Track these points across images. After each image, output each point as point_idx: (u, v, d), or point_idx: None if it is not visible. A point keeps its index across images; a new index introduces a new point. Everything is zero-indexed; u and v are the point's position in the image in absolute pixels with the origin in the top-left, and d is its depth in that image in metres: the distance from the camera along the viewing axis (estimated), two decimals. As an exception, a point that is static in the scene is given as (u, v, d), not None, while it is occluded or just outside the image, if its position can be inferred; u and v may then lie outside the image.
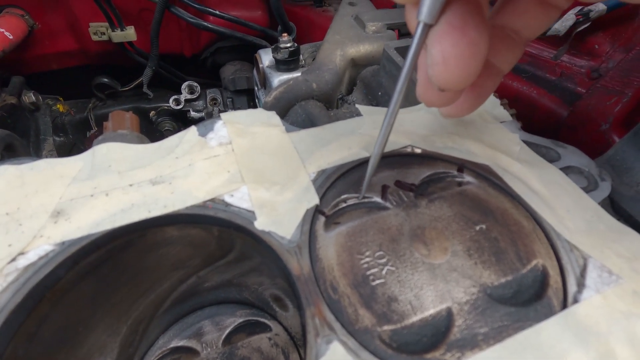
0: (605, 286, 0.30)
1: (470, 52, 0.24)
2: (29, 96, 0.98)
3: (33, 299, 0.29)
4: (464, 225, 0.35)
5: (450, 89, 0.26)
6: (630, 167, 0.43)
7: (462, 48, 0.24)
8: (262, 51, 0.73)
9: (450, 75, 0.25)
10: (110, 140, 0.40)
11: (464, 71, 0.24)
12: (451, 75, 0.25)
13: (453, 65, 0.24)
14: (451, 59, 0.24)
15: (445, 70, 0.24)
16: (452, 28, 0.24)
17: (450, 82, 0.25)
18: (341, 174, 0.39)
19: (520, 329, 0.28)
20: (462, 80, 0.25)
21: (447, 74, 0.25)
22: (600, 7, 0.62)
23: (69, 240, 0.31)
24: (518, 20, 0.29)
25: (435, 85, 0.26)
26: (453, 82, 0.25)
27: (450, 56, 0.24)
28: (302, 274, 0.31)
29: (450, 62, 0.24)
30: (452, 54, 0.24)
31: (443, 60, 0.24)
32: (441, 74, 0.25)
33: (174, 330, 0.51)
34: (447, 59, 0.24)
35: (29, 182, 0.35)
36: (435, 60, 0.24)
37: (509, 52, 0.30)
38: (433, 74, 0.25)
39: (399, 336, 0.28)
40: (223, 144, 0.40)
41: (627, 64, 0.61)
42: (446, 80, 0.25)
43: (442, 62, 0.24)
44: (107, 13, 0.97)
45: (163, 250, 0.37)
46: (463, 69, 0.24)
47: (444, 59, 0.24)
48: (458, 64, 0.24)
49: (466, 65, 0.24)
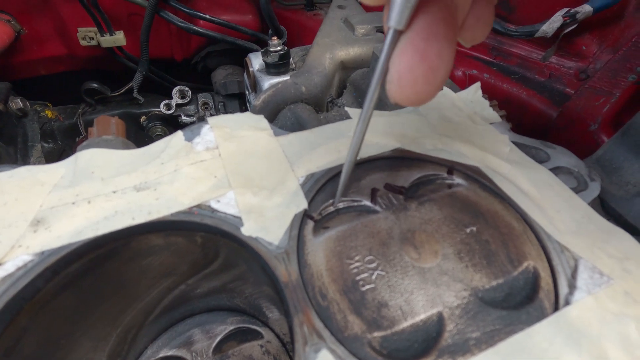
0: (597, 287, 0.30)
1: (426, 78, 0.23)
2: (16, 102, 0.96)
3: (10, 311, 0.28)
4: (455, 228, 0.35)
5: (406, 105, 0.25)
6: (619, 167, 0.44)
7: (418, 74, 0.23)
8: (252, 55, 0.72)
9: (404, 96, 0.24)
10: (95, 146, 0.40)
11: (417, 95, 0.24)
12: (405, 96, 0.24)
13: (406, 88, 0.24)
14: (406, 82, 0.23)
15: (400, 90, 0.24)
16: (413, 48, 0.23)
17: (404, 101, 0.25)
18: (330, 177, 0.38)
19: (512, 332, 0.28)
20: (416, 101, 0.25)
21: (401, 95, 0.24)
22: (587, 9, 0.63)
23: (48, 249, 0.30)
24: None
25: (391, 100, 0.26)
26: (407, 102, 0.25)
27: (405, 79, 0.23)
28: (290, 280, 0.30)
29: (405, 84, 0.23)
30: (407, 78, 0.23)
31: (398, 81, 0.24)
32: (396, 94, 0.24)
33: (163, 339, 0.50)
34: (402, 81, 0.23)
35: (9, 190, 0.34)
36: (391, 79, 0.24)
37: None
38: (388, 90, 0.25)
39: (389, 343, 0.28)
40: (210, 149, 0.39)
41: (614, 65, 0.62)
42: (400, 100, 0.25)
43: (397, 82, 0.24)
44: (96, 18, 0.96)
45: (148, 259, 0.36)
46: (417, 92, 0.24)
47: (399, 81, 0.24)
48: (412, 88, 0.24)
49: (420, 89, 0.24)
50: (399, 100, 0.25)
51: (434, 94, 0.25)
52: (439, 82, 0.24)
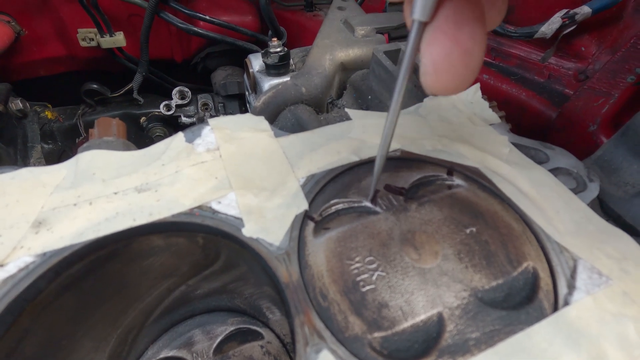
0: (596, 287, 0.30)
1: (463, 62, 0.23)
2: (15, 103, 0.96)
3: (12, 312, 0.28)
4: (454, 229, 0.35)
5: (443, 94, 0.25)
6: (618, 168, 0.44)
7: (454, 59, 0.23)
8: (252, 56, 0.72)
9: (442, 85, 0.24)
10: (96, 148, 0.40)
11: (456, 81, 0.23)
12: (443, 85, 0.24)
13: (444, 76, 0.23)
14: (442, 70, 0.23)
15: (437, 80, 0.23)
16: (444, 35, 0.22)
17: (442, 90, 0.24)
18: (331, 178, 0.38)
19: (511, 332, 0.28)
20: (455, 89, 0.24)
21: (439, 84, 0.24)
22: (586, 10, 0.63)
23: (50, 251, 0.30)
24: None
25: (428, 91, 0.25)
26: (445, 90, 0.24)
27: (442, 67, 0.23)
28: (291, 281, 0.30)
29: (442, 72, 0.23)
30: (443, 65, 0.23)
31: (434, 70, 0.23)
32: (433, 83, 0.24)
33: (163, 340, 0.50)
34: (438, 69, 0.23)
35: (10, 191, 0.34)
36: (426, 69, 0.23)
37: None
38: (424, 82, 0.24)
39: (389, 343, 0.28)
40: (211, 150, 0.40)
41: (613, 66, 0.62)
42: (438, 89, 0.24)
43: (433, 72, 0.23)
44: (96, 19, 0.96)
45: (149, 260, 0.36)
46: (455, 79, 0.23)
47: (435, 70, 0.23)
48: (450, 75, 0.23)
49: (459, 75, 0.23)
50: (438, 90, 0.24)
51: (472, 79, 0.24)
52: (476, 65, 0.23)
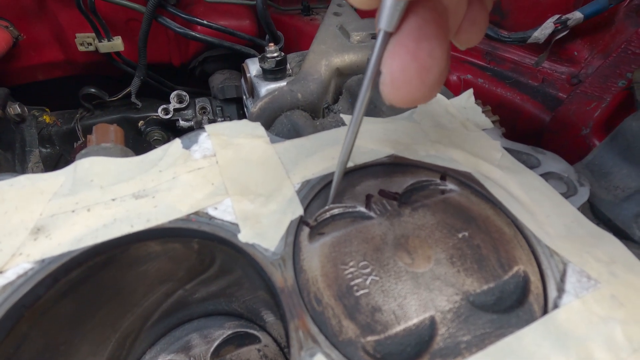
0: (584, 291, 0.31)
1: (419, 77, 0.23)
2: (14, 108, 0.97)
3: (11, 319, 0.28)
4: (447, 233, 0.36)
5: (402, 107, 0.25)
6: (609, 172, 0.45)
7: (411, 73, 0.23)
8: (250, 61, 0.73)
9: (399, 97, 0.24)
10: (94, 154, 0.40)
11: (412, 95, 0.24)
12: (400, 97, 0.24)
13: (401, 89, 0.23)
14: (399, 82, 0.23)
15: (394, 92, 0.24)
16: (404, 49, 0.23)
17: (399, 103, 0.24)
18: (325, 184, 0.39)
19: (502, 335, 0.29)
20: (410, 102, 0.24)
21: (396, 96, 0.24)
22: (578, 16, 0.64)
23: (49, 257, 0.31)
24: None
25: (385, 102, 0.25)
26: (402, 103, 0.24)
27: (398, 80, 0.23)
28: (286, 286, 0.31)
29: (398, 85, 0.23)
30: (399, 78, 0.23)
31: (391, 82, 0.23)
32: (390, 95, 0.24)
33: (161, 345, 0.50)
34: (395, 82, 0.23)
35: (9, 198, 0.34)
36: (384, 80, 0.24)
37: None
38: (382, 92, 0.24)
39: (382, 347, 0.28)
40: (207, 156, 0.40)
41: (605, 70, 0.63)
42: (396, 101, 0.24)
43: (390, 83, 0.24)
44: (94, 24, 0.96)
45: (146, 265, 0.37)
46: (411, 93, 0.24)
47: (392, 81, 0.23)
48: (406, 88, 0.23)
49: (415, 89, 0.23)
50: (394, 102, 0.24)
51: (430, 94, 0.24)
52: (433, 82, 0.24)
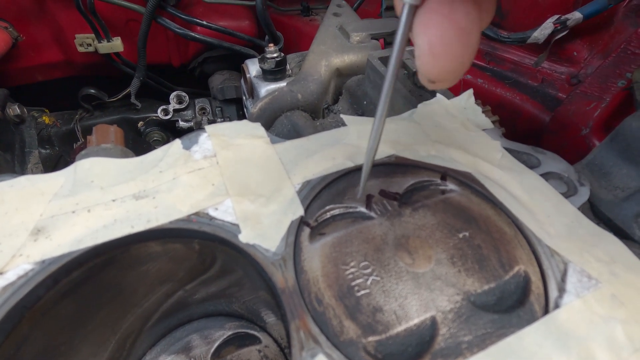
0: (585, 290, 0.31)
1: (460, 41, 0.22)
2: (13, 109, 0.97)
3: (12, 320, 0.28)
4: (448, 233, 0.36)
5: (442, 81, 0.24)
6: (608, 172, 0.45)
7: (450, 37, 0.22)
8: (249, 61, 0.73)
9: (440, 68, 0.23)
10: (94, 155, 0.40)
11: (455, 62, 0.22)
12: (441, 67, 0.23)
13: (442, 57, 0.22)
14: (439, 50, 0.22)
15: (434, 62, 0.22)
16: (438, 15, 0.22)
17: (441, 74, 0.23)
18: (326, 184, 0.39)
19: (503, 335, 0.29)
20: (454, 71, 0.23)
21: (436, 66, 0.23)
22: (577, 16, 0.64)
23: (49, 258, 0.31)
24: None
25: (425, 78, 0.24)
26: (444, 74, 0.23)
27: (438, 47, 0.22)
28: (287, 286, 0.30)
29: (439, 53, 0.22)
30: (439, 44, 0.22)
31: (430, 51, 0.22)
32: (430, 66, 0.23)
33: (162, 345, 0.50)
34: (435, 49, 0.22)
35: (9, 199, 0.34)
36: (423, 52, 0.22)
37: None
38: (421, 65, 0.23)
39: (384, 347, 0.28)
40: (208, 157, 0.40)
41: (605, 71, 0.63)
42: (437, 73, 0.23)
43: (429, 53, 0.22)
44: (93, 24, 0.96)
45: (146, 265, 0.37)
46: (454, 59, 0.22)
47: (432, 50, 0.22)
48: (448, 55, 0.22)
49: (457, 55, 0.22)
50: (435, 74, 0.23)
51: (470, 60, 0.23)
52: (474, 44, 0.22)
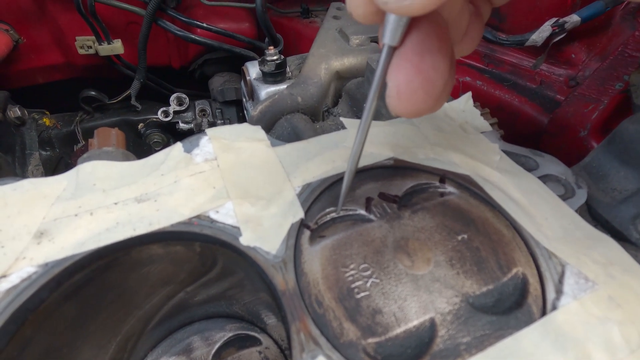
0: (582, 292, 0.31)
1: (424, 89, 0.24)
2: (14, 111, 0.97)
3: (15, 322, 0.28)
4: (447, 236, 0.36)
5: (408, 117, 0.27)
6: (606, 174, 0.45)
7: (415, 86, 0.24)
8: (249, 63, 0.73)
9: (404, 109, 0.25)
10: (95, 158, 0.40)
11: (417, 106, 0.25)
12: (406, 109, 0.25)
13: (406, 101, 0.24)
14: (404, 95, 0.24)
15: (399, 104, 0.25)
16: (408, 63, 0.24)
17: (405, 114, 0.25)
18: (326, 187, 0.39)
19: (501, 337, 0.29)
20: (416, 113, 0.25)
21: (401, 108, 0.25)
22: (575, 19, 0.64)
23: (52, 261, 0.31)
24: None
25: (392, 114, 0.26)
26: (408, 114, 0.25)
27: (404, 92, 0.24)
28: (288, 289, 0.31)
29: (404, 97, 0.24)
30: (405, 90, 0.24)
31: (397, 95, 0.24)
32: (396, 107, 0.25)
33: (162, 347, 0.50)
34: (401, 94, 0.24)
35: (12, 203, 0.35)
36: (391, 92, 0.25)
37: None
38: (388, 104, 0.26)
39: (383, 348, 0.29)
40: (209, 160, 0.40)
41: (602, 73, 0.64)
42: (401, 113, 0.25)
43: (396, 96, 0.25)
44: (94, 27, 0.97)
45: (147, 268, 0.37)
46: (417, 104, 0.25)
47: (398, 95, 0.24)
48: (412, 100, 0.24)
49: (420, 101, 0.24)
50: (400, 113, 0.25)
51: (436, 106, 0.25)
52: (438, 93, 0.24)
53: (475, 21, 0.29)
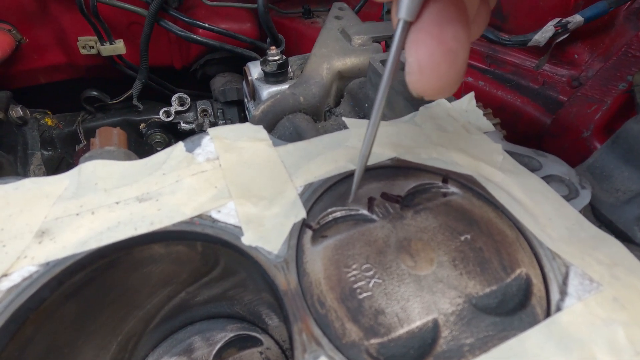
0: (587, 293, 0.31)
1: (447, 61, 0.23)
2: (16, 111, 0.97)
3: (16, 322, 0.28)
4: (449, 236, 0.36)
5: (430, 97, 0.25)
6: (610, 175, 0.45)
7: (438, 57, 0.23)
8: (251, 64, 0.73)
9: (428, 85, 0.24)
10: (97, 158, 0.40)
11: (442, 80, 0.23)
12: (429, 85, 0.24)
13: (429, 75, 0.23)
14: (427, 69, 0.23)
15: (422, 79, 0.23)
16: (428, 35, 0.23)
17: (428, 91, 0.24)
18: (328, 187, 0.39)
19: (505, 338, 0.29)
20: (441, 88, 0.24)
21: (424, 84, 0.24)
22: (578, 19, 0.64)
23: (53, 260, 0.31)
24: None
25: (414, 92, 0.25)
26: (431, 90, 0.24)
27: (426, 66, 0.23)
28: (289, 289, 0.31)
29: (427, 72, 0.23)
30: (427, 64, 0.23)
31: (419, 69, 0.23)
32: (418, 84, 0.24)
33: (163, 347, 0.50)
34: (423, 69, 0.23)
35: (14, 202, 0.34)
36: (412, 69, 0.24)
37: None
38: (410, 82, 0.24)
39: (386, 349, 0.28)
40: (210, 160, 0.40)
41: (606, 73, 0.63)
42: (424, 89, 0.24)
43: (418, 71, 0.23)
44: (96, 27, 0.97)
45: (148, 267, 0.37)
46: (441, 78, 0.23)
47: (420, 69, 0.23)
48: (435, 74, 0.23)
49: (444, 74, 0.23)
50: (423, 90, 0.24)
51: (457, 80, 0.24)
52: (460, 65, 0.23)
53: (482, 5, 0.28)
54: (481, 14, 0.28)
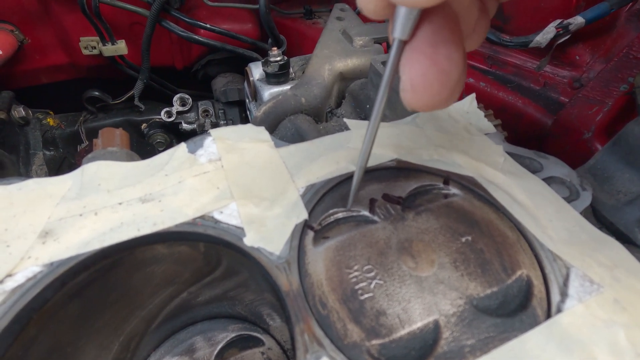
0: (587, 295, 0.31)
1: (439, 81, 0.24)
2: (18, 111, 0.97)
3: (20, 322, 0.29)
4: (450, 237, 0.36)
5: (424, 111, 0.26)
6: (611, 176, 0.45)
7: (431, 77, 0.23)
8: (253, 64, 0.74)
9: (420, 102, 0.24)
10: (100, 159, 0.41)
11: (433, 99, 0.24)
12: (421, 102, 0.24)
13: (422, 94, 0.24)
14: (420, 88, 0.24)
15: (415, 97, 0.24)
16: (421, 55, 0.23)
17: (421, 108, 0.25)
18: (330, 188, 0.39)
19: (506, 339, 0.29)
20: (432, 106, 0.25)
21: (417, 101, 0.24)
22: (579, 20, 0.64)
23: (57, 260, 0.31)
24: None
25: (408, 108, 0.26)
26: (424, 107, 0.25)
27: (419, 85, 0.24)
28: (291, 289, 0.31)
29: (419, 90, 0.24)
30: (420, 83, 0.24)
31: (412, 88, 0.24)
32: (411, 101, 0.25)
33: (165, 347, 0.50)
34: (416, 87, 0.24)
35: (17, 202, 0.35)
36: (405, 86, 0.24)
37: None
38: (403, 98, 0.25)
39: (387, 350, 0.29)
40: (213, 161, 0.41)
41: (607, 74, 0.63)
42: (417, 107, 0.25)
43: (410, 90, 0.24)
44: (98, 27, 0.97)
45: (151, 268, 0.37)
46: (433, 96, 0.24)
47: (413, 88, 0.24)
48: (427, 93, 0.24)
49: (437, 93, 0.24)
50: (416, 107, 0.25)
51: (452, 98, 0.25)
52: (453, 84, 0.24)
53: (482, 17, 0.29)
54: (481, 24, 0.28)
